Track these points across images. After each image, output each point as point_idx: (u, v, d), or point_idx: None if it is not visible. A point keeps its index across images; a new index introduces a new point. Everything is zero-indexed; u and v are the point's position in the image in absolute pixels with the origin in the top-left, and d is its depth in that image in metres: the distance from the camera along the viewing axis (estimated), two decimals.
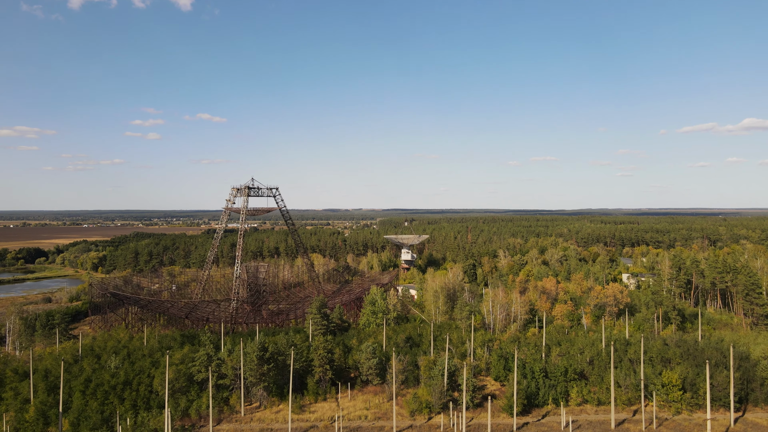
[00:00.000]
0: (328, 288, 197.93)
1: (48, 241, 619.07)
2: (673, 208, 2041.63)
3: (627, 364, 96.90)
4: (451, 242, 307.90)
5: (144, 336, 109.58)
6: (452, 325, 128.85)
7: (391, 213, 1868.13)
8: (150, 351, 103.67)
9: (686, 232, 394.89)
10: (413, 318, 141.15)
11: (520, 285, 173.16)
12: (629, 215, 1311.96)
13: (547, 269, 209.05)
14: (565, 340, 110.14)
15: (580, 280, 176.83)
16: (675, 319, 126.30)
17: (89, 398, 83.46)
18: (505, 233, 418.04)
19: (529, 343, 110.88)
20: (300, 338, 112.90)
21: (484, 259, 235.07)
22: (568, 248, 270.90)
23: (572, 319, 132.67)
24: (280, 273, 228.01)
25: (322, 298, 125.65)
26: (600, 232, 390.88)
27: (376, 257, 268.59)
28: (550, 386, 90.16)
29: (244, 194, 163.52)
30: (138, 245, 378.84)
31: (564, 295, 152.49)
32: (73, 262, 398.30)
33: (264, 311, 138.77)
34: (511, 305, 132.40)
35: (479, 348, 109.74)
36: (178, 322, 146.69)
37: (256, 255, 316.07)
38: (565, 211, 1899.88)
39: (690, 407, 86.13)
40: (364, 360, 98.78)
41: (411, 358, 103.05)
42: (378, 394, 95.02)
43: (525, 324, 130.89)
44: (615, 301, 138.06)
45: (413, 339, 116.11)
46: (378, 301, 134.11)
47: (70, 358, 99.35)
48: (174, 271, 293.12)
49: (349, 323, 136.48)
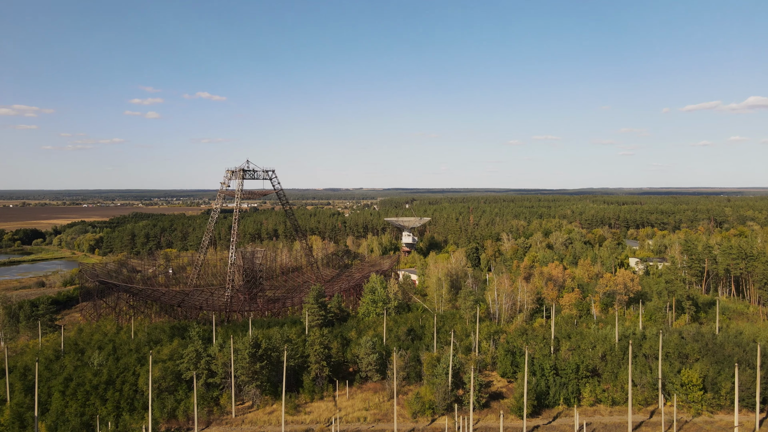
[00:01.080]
0: (326, 273, 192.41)
1: (46, 222, 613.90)
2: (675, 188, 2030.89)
3: (642, 360, 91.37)
4: (453, 224, 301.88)
5: (132, 328, 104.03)
6: (456, 315, 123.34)
7: (391, 192, 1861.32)
8: (137, 345, 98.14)
9: (692, 214, 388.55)
10: (415, 307, 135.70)
11: (525, 271, 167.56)
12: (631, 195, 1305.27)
13: (552, 254, 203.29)
14: (576, 333, 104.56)
15: (587, 266, 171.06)
16: (689, 309, 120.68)
17: (69, 399, 78.05)
18: (507, 214, 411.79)
19: (537, 336, 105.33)
20: (296, 331, 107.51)
21: (487, 243, 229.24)
22: (573, 231, 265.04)
23: (581, 309, 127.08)
24: (278, 257, 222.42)
25: (320, 287, 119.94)
26: (604, 213, 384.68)
27: (376, 240, 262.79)
28: (561, 385, 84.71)
29: (239, 177, 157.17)
30: (135, 227, 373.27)
31: (571, 281, 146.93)
32: (70, 243, 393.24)
33: (259, 300, 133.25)
34: (516, 293, 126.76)
35: (484, 341, 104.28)
36: (172, 310, 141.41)
37: (254, 237, 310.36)
38: (567, 191, 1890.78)
39: (711, 408, 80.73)
40: (363, 355, 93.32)
41: (413, 353, 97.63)
42: (378, 392, 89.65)
43: (531, 314, 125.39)
44: (625, 290, 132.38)
45: (415, 331, 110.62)
46: (378, 290, 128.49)
47: (51, 353, 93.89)
48: (171, 254, 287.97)
49: (348, 312, 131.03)
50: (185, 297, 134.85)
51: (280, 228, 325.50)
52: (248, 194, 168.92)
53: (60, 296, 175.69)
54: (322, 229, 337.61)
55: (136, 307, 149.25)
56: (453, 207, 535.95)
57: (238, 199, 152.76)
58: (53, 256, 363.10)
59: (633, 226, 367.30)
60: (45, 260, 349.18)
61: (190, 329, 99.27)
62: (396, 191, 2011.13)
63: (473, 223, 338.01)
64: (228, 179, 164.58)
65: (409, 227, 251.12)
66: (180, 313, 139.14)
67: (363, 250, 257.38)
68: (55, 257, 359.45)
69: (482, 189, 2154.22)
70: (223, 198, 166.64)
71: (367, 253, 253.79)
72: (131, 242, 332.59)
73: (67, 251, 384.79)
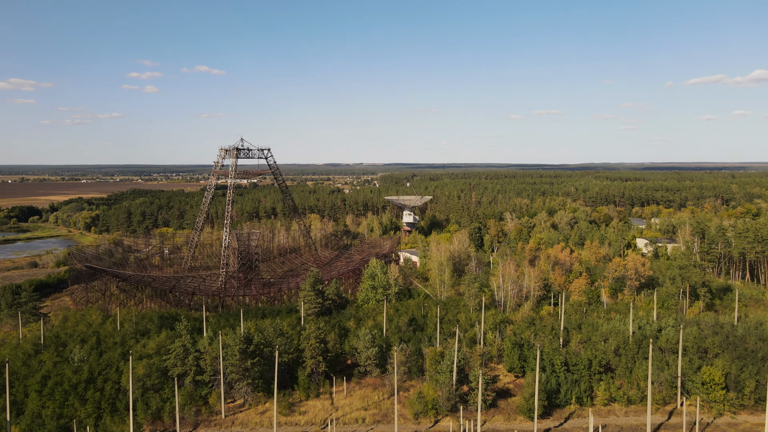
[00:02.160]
0: (325, 255, 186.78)
1: (44, 198, 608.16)
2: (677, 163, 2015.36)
3: (658, 355, 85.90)
4: (455, 203, 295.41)
5: (118, 319, 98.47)
6: (459, 302, 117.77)
7: (392, 168, 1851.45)
8: (123, 338, 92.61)
9: (697, 191, 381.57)
10: (416, 293, 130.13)
11: (530, 253, 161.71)
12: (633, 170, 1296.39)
13: (557, 234, 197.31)
14: (586, 324, 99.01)
15: (595, 248, 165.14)
16: (704, 297, 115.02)
17: (46, 400, 72.69)
18: (509, 191, 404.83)
19: (545, 327, 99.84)
20: (291, 321, 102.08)
21: (490, 222, 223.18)
22: (578, 210, 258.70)
23: (590, 295, 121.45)
24: (276, 237, 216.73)
25: (317, 274, 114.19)
26: (608, 191, 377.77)
27: (376, 219, 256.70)
28: (573, 382, 79.34)
29: (232, 156, 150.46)
30: (132, 204, 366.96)
31: (578, 265, 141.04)
32: (67, 221, 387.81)
33: (254, 287, 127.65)
34: (523, 279, 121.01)
35: (490, 332, 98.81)
36: (164, 293, 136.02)
37: (251, 216, 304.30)
38: (568, 166, 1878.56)
39: (734, 408, 75.45)
40: (362, 348, 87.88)
41: (414, 345, 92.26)
42: (377, 389, 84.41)
43: (538, 300, 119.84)
44: (636, 275, 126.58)
45: (417, 320, 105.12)
46: (378, 275, 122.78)
47: (30, 347, 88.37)
48: (167, 233, 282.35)
49: (346, 299, 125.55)
50: (177, 282, 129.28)
51: (278, 206, 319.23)
52: (243, 174, 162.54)
53: (50, 278, 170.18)
54: (321, 207, 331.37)
55: (127, 291, 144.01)
56: (454, 184, 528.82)
57: (232, 180, 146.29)
58: (49, 234, 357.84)
59: (638, 204, 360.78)
60: (41, 238, 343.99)
61: (179, 321, 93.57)
62: (396, 166, 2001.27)
63: (475, 201, 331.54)
64: (222, 158, 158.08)
65: (410, 206, 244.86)
66: (172, 299, 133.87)
67: (363, 230, 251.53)
68: (51, 235, 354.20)
69: (483, 164, 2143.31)
70: (217, 177, 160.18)
71: (367, 232, 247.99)
72: (127, 220, 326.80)
73: (63, 229, 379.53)
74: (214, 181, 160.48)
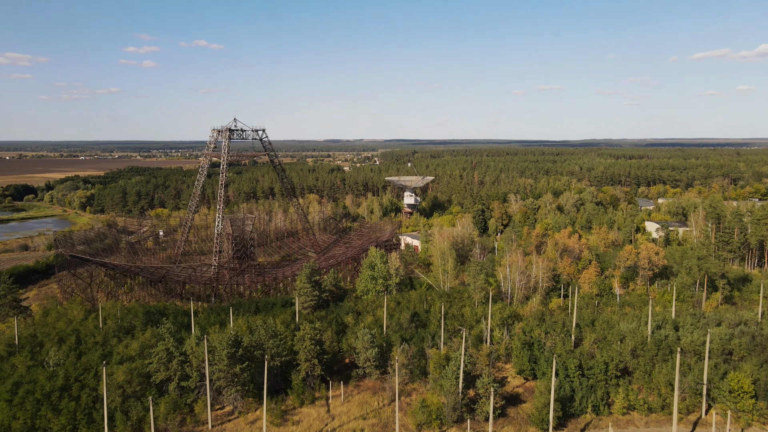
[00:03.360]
0: (323, 239, 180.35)
1: (41, 176, 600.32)
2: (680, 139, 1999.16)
3: (680, 358, 79.62)
4: (457, 183, 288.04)
5: (100, 316, 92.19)
6: (464, 294, 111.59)
7: (392, 144, 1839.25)
8: (105, 337, 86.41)
9: (704, 170, 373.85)
10: (418, 283, 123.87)
11: (537, 239, 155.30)
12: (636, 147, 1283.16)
13: (564, 218, 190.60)
14: (600, 321, 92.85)
15: (604, 233, 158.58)
16: (723, 289, 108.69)
17: (17, 410, 66.73)
18: (512, 170, 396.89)
19: (556, 323, 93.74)
20: (285, 317, 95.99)
21: (493, 204, 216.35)
22: (584, 191, 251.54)
23: (601, 287, 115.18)
24: (274, 220, 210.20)
25: (313, 265, 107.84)
26: (614, 170, 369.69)
27: (376, 201, 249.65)
28: (589, 388, 73.30)
29: (225, 137, 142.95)
30: (127, 183, 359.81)
31: (588, 253, 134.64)
32: (62, 200, 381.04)
33: (247, 278, 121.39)
34: (531, 269, 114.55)
35: (497, 329, 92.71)
36: (155, 282, 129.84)
37: (249, 197, 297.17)
38: (570, 142, 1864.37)
39: (763, 419, 69.54)
40: (361, 349, 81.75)
41: (417, 345, 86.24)
42: (377, 393, 78.50)
43: (547, 292, 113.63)
44: (650, 264, 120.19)
45: (419, 316, 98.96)
46: (378, 265, 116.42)
47: (3, 349, 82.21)
48: (162, 214, 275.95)
49: (345, 289, 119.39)
50: (167, 273, 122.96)
51: (276, 186, 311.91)
52: (236, 155, 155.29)
53: (39, 264, 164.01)
54: (320, 187, 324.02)
55: (116, 278, 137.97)
56: (456, 162, 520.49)
57: (224, 163, 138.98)
58: (44, 214, 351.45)
59: (644, 184, 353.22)
60: (35, 218, 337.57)
61: (164, 320, 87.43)
62: (397, 143, 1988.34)
63: (478, 180, 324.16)
64: (214, 139, 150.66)
65: (411, 187, 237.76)
66: (162, 288, 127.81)
67: (362, 211, 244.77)
68: (46, 215, 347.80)
69: (484, 140, 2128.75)
70: (209, 160, 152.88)
71: (367, 214, 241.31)
72: (122, 200, 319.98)
73: (58, 208, 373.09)
74: (207, 164, 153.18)
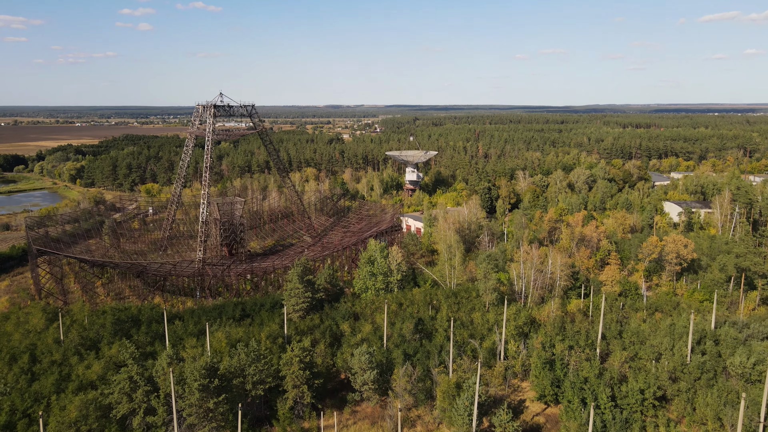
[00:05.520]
0: (319, 222, 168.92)
1: (34, 144, 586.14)
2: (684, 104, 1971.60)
3: (723, 382, 69.00)
4: (461, 158, 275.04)
5: (61, 327, 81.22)
6: (472, 294, 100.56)
7: (393, 110, 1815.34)
8: (64, 354, 75.44)
9: (718, 141, 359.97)
10: (422, 279, 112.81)
11: (549, 224, 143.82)
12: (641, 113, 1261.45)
13: (577, 198, 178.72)
14: (629, 332, 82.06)
15: (622, 218, 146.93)
16: (763, 289, 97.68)
17: None
18: (517, 141, 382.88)
19: (579, 333, 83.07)
20: (273, 327, 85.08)
21: (500, 182, 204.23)
22: (595, 166, 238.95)
23: (626, 286, 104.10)
24: (269, 198, 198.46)
25: (305, 262, 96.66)
26: (623, 141, 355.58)
27: (377, 177, 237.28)
28: (623, 423, 62.70)
29: (209, 114, 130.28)
30: (119, 155, 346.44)
31: (606, 242, 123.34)
32: (51, 172, 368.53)
33: (234, 272, 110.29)
34: (546, 263, 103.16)
35: (512, 339, 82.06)
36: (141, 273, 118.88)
37: (243, 171, 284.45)
38: (573, 108, 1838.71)
39: None
40: (358, 369, 71.11)
41: (422, 362, 75.51)
42: (376, 423, 68.10)
43: (565, 291, 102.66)
44: (678, 258, 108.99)
45: (424, 322, 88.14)
46: (377, 260, 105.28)
47: None
48: (152, 189, 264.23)
49: (341, 287, 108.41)
50: (143, 270, 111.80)
51: None
52: (224, 134, 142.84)
53: (15, 250, 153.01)
54: (318, 160, 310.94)
55: (94, 270, 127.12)
56: (459, 131, 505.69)
57: (209, 143, 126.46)
58: (33, 187, 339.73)
59: (655, 156, 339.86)
60: (23, 191, 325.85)
61: (134, 331, 76.60)
62: (398, 108, 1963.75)
63: (482, 153, 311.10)
64: (199, 115, 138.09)
65: (413, 162, 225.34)
66: (144, 280, 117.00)
67: (362, 188, 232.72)
68: (35, 188, 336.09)
69: (487, 106, 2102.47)
70: (193, 138, 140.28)
71: (367, 191, 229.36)
72: (113, 173, 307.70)
73: (48, 181, 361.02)
74: (192, 143, 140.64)
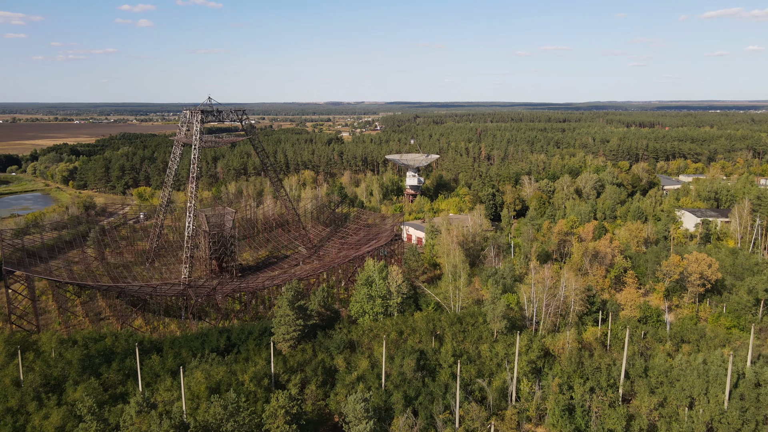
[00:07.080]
0: (317, 231, 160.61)
1: (30, 143, 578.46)
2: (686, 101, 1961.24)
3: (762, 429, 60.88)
4: (464, 160, 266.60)
5: (20, 366, 72.83)
6: (479, 320, 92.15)
7: (393, 107, 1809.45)
8: (21, 399, 67.02)
9: (726, 142, 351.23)
10: (424, 301, 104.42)
11: (558, 236, 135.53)
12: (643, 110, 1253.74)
13: (585, 206, 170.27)
14: (654, 370, 73.68)
15: (636, 230, 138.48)
16: None
17: None
18: (520, 141, 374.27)
19: (599, 370, 74.81)
20: (259, 365, 76.70)
21: (505, 187, 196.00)
22: (602, 170, 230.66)
23: (646, 312, 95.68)
24: (264, 204, 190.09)
25: (296, 286, 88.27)
26: (629, 142, 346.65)
27: (376, 181, 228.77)
28: None
29: (197, 120, 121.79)
30: (113, 156, 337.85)
31: (621, 258, 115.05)
32: (44, 173, 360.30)
33: (218, 297, 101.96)
34: (558, 284, 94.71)
35: (524, 378, 73.81)
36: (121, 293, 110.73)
37: (239, 174, 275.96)
38: (574, 105, 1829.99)
39: None
40: (353, 419, 62.82)
41: (425, 408, 67.30)
42: None
43: (580, 316, 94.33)
44: (701, 279, 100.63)
45: (427, 357, 79.84)
46: (376, 281, 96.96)
47: None
48: (145, 193, 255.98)
49: (336, 311, 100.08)
50: (122, 292, 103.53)
51: None
52: (213, 141, 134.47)
53: None
54: (316, 162, 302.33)
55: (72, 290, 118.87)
56: (460, 130, 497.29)
57: (196, 151, 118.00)
58: (25, 189, 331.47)
59: (662, 158, 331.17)
60: (15, 194, 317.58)
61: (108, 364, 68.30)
62: (398, 105, 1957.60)
63: (485, 155, 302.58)
64: (187, 120, 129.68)
65: (414, 166, 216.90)
66: (124, 301, 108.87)
67: (361, 193, 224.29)
68: (27, 190, 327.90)
69: (487, 103, 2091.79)
70: (181, 146, 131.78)
71: (366, 196, 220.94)
72: (105, 175, 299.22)
73: (41, 182, 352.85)
74: (179, 150, 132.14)
